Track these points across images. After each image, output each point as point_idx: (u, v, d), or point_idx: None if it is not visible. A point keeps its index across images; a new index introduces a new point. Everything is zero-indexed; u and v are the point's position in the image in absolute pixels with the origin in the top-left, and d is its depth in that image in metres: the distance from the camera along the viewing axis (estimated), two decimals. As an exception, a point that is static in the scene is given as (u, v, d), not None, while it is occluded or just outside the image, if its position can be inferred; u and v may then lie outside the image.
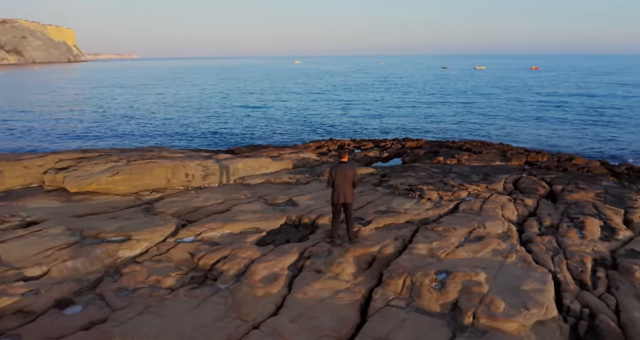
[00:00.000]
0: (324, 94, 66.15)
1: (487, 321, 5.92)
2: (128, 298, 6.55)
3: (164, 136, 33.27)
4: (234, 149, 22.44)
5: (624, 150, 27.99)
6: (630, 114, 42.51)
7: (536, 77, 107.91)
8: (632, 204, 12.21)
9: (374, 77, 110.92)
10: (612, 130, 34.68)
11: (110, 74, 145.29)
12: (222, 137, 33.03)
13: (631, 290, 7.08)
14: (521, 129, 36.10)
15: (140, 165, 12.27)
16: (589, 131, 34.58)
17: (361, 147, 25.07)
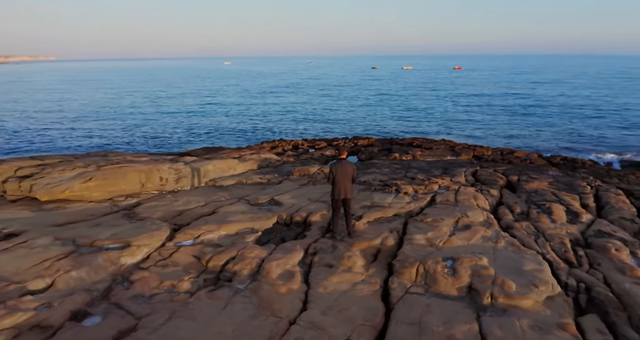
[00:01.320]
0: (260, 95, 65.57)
1: (504, 300, 6.41)
2: (148, 304, 6.37)
3: (102, 140, 31.70)
4: (189, 151, 21.91)
5: (550, 143, 30.40)
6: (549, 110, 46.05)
7: (460, 76, 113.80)
8: (583, 190, 13.45)
9: (306, 78, 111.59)
10: (535, 125, 37.50)
11: (26, 77, 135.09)
12: (163, 140, 31.98)
13: (612, 265, 7.91)
14: (455, 125, 38.11)
15: (113, 170, 11.77)
16: (515, 126, 37.19)
17: (315, 147, 25.39)
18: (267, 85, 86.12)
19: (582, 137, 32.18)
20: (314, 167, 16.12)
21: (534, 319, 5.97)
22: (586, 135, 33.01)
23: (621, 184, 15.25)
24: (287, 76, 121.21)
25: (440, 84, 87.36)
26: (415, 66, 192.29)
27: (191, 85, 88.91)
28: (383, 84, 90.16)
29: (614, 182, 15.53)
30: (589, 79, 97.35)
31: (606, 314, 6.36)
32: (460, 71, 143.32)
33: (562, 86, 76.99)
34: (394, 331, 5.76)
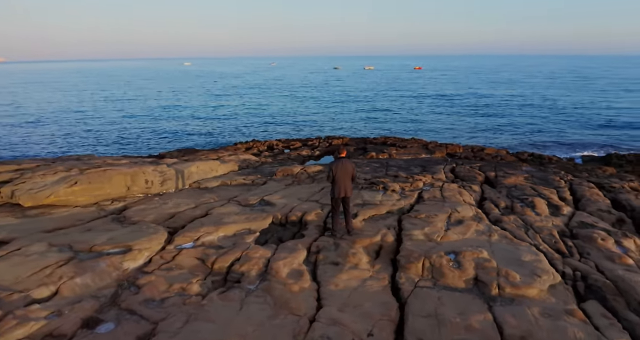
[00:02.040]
0: (225, 97, 64.70)
1: (512, 290, 6.68)
2: (161, 309, 6.27)
3: (66, 145, 30.60)
4: (163, 153, 21.46)
5: (513, 140, 31.53)
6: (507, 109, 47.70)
7: (421, 76, 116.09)
8: (558, 184, 14.06)
9: (270, 79, 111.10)
10: (495, 123, 38.82)
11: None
12: (130, 143, 31.14)
13: (600, 254, 8.35)
14: (422, 124, 38.95)
15: (98, 174, 11.43)
16: (479, 124, 38.40)
17: (290, 147, 25.41)
18: (231, 86, 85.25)
19: (543, 134, 33.54)
20: (297, 167, 16.15)
21: (542, 306, 6.25)
22: (546, 132, 34.43)
23: (590, 177, 16.02)
24: (251, 77, 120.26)
25: (403, 83, 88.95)
26: (377, 66, 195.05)
27: (152, 86, 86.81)
28: (347, 84, 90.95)
29: (583, 176, 16.31)
30: (543, 78, 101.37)
31: (605, 299, 6.72)
32: (420, 71, 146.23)
33: (519, 85, 79.90)
34: (412, 324, 5.91)
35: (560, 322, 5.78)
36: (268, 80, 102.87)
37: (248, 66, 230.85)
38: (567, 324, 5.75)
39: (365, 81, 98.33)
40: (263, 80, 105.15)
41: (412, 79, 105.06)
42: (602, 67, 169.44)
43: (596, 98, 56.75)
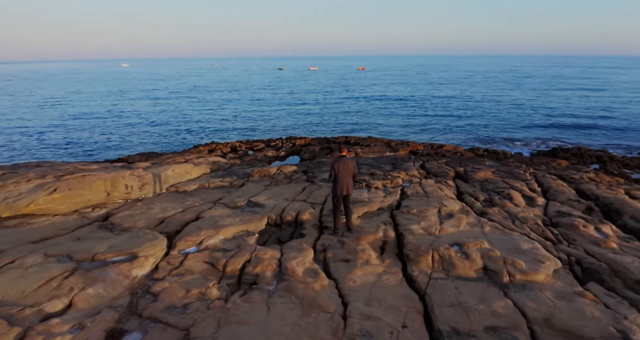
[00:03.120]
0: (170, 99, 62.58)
1: (522, 277, 7.08)
2: (185, 315, 6.12)
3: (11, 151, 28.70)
4: (126, 158, 20.67)
5: (460, 137, 32.80)
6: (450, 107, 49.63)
7: (365, 76, 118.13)
8: (525, 177, 14.90)
9: (215, 80, 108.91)
10: (442, 121, 40.32)
11: None
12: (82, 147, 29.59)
13: (585, 240, 8.99)
14: (373, 123, 39.69)
15: (77, 180, 10.88)
16: (428, 122, 39.71)
17: (253, 148, 25.19)
18: (175, 88, 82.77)
19: (488, 131, 35.13)
20: (272, 168, 16.10)
21: (552, 290, 6.67)
22: (490, 128, 36.08)
23: (550, 170, 17.07)
24: (194, 78, 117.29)
25: (349, 84, 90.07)
26: (321, 67, 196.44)
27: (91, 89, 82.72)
28: (293, 84, 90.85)
29: (543, 169, 17.35)
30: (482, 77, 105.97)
31: (603, 281, 7.27)
32: (364, 71, 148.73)
33: (459, 84, 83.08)
34: (440, 314, 6.13)
35: (576, 303, 6.21)
36: (213, 82, 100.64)
37: (189, 67, 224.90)
38: (582, 304, 6.19)
39: (312, 81, 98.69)
40: (207, 81, 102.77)
41: (357, 79, 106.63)
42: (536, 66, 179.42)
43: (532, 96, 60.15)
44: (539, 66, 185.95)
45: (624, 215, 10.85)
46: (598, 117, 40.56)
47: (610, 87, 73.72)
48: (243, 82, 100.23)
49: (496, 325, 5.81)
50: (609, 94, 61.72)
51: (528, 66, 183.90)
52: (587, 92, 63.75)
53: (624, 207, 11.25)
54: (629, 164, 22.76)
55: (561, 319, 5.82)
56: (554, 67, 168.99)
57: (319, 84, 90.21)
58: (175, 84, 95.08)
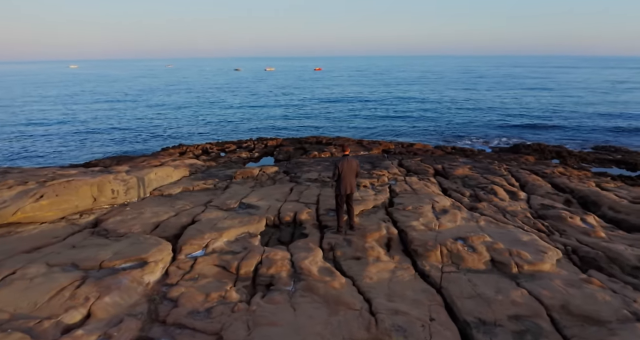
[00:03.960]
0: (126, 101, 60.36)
1: (529, 267, 7.38)
2: (211, 319, 6.01)
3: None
4: (95, 162, 19.92)
5: (422, 135, 33.59)
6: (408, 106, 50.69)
7: (323, 77, 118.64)
8: (502, 173, 15.49)
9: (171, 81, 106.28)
10: (400, 120, 41.20)
11: None
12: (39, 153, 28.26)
13: (574, 230, 9.48)
14: (337, 123, 39.96)
15: (63, 185, 10.42)
16: (387, 121, 40.46)
17: (225, 150, 24.86)
18: (131, 90, 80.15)
19: (448, 129, 36.14)
20: (255, 169, 15.98)
21: (560, 278, 7.01)
22: (450, 127, 37.11)
23: (521, 165, 17.80)
24: (149, 80, 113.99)
25: (308, 84, 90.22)
26: (277, 68, 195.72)
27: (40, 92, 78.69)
28: (252, 85, 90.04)
29: (514, 165, 18.06)
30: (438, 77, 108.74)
31: (601, 268, 7.69)
32: (321, 72, 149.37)
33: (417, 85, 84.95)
34: (462, 306, 6.32)
35: (586, 290, 6.55)
36: (169, 83, 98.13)
37: (142, 68, 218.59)
38: (591, 290, 6.54)
39: (270, 82, 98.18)
40: (164, 83, 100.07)
41: (316, 79, 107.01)
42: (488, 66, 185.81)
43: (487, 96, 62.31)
44: (490, 66, 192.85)
45: (602, 207, 11.48)
46: (550, 114, 42.53)
47: (558, 86, 77.45)
48: (200, 83, 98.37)
49: (518, 313, 6.05)
50: (557, 92, 64.81)
51: (481, 66, 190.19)
52: (537, 92, 66.77)
53: (601, 198, 11.91)
54: (586, 158, 24.00)
55: (577, 305, 6.13)
56: (504, 67, 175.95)
57: (278, 85, 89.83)
58: (130, 85, 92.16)
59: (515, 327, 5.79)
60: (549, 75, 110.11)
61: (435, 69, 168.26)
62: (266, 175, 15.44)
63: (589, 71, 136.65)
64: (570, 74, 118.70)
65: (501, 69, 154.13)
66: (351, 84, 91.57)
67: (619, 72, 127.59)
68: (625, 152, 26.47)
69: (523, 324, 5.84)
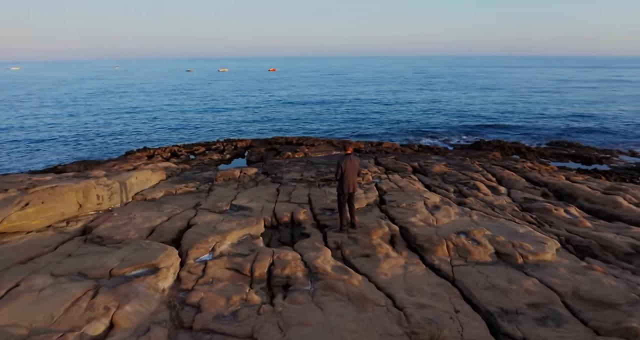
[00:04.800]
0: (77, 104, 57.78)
1: (533, 257, 7.73)
2: (239, 323, 5.90)
3: None
4: (62, 167, 19.04)
5: (388, 135, 34.16)
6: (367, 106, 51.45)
7: (278, 78, 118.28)
8: (477, 169, 16.02)
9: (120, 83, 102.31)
10: (360, 119, 41.79)
11: None
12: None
13: (561, 221, 9.99)
14: (297, 124, 39.88)
15: (48, 192, 9.90)
16: (345, 120, 40.93)
17: (195, 152, 24.35)
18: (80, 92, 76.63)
19: (408, 127, 36.93)
20: (236, 171, 15.76)
21: (564, 266, 7.39)
22: (409, 125, 37.95)
23: (491, 161, 18.48)
24: (98, 82, 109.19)
25: (264, 85, 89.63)
26: (231, 68, 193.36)
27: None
28: (207, 86, 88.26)
29: (484, 161, 18.72)
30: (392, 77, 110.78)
31: (595, 256, 8.15)
32: (276, 73, 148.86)
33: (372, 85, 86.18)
34: (482, 297, 6.55)
35: (591, 276, 6.94)
36: (120, 85, 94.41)
37: (89, 70, 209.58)
38: (596, 276, 6.93)
39: (225, 83, 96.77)
40: (113, 85, 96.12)
41: (271, 80, 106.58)
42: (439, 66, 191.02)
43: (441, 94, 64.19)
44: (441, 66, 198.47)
45: (578, 198, 12.13)
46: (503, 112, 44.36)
47: (507, 85, 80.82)
48: (152, 85, 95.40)
49: (535, 301, 6.34)
50: (507, 92, 67.65)
51: (432, 66, 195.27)
52: (489, 91, 69.44)
53: (575, 191, 12.57)
54: (543, 154, 25.21)
55: (587, 290, 6.49)
56: (455, 67, 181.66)
57: (234, 86, 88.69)
58: (79, 88, 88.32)
59: (536, 314, 6.06)
60: (498, 75, 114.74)
61: (388, 69, 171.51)
62: (248, 177, 15.28)
63: (535, 70, 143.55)
64: (517, 73, 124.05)
65: (452, 69, 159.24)
66: (308, 84, 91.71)
67: (562, 71, 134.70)
68: (579, 147, 28.00)
69: (542, 311, 6.13)
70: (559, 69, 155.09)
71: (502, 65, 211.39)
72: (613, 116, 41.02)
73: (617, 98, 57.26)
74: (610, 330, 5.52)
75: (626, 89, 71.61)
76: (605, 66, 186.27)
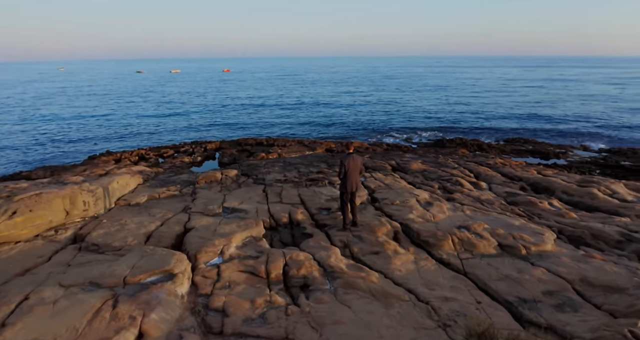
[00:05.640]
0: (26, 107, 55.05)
1: (535, 248, 8.09)
2: (270, 325, 5.83)
3: None
4: (27, 173, 18.06)
5: (349, 132, 34.49)
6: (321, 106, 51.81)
7: (233, 78, 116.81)
8: (453, 166, 16.50)
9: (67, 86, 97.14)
10: (325, 118, 42.01)
11: None
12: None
13: (549, 213, 10.47)
14: (258, 124, 39.52)
15: (34, 199, 9.37)
16: (309, 120, 40.98)
17: (163, 155, 23.73)
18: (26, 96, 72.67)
19: (370, 126, 37.38)
20: (217, 173, 15.50)
21: (566, 256, 7.79)
22: (370, 125, 38.42)
23: (463, 158, 19.05)
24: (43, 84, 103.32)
25: (220, 86, 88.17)
26: (183, 69, 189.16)
27: None
28: (160, 88, 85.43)
29: (456, 158, 19.29)
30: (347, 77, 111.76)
31: (589, 245, 8.61)
32: (231, 74, 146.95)
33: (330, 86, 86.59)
34: (497, 288, 6.80)
35: (594, 263, 7.35)
36: (66, 88, 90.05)
37: (32, 72, 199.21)
38: (598, 263, 7.34)
39: (179, 85, 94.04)
40: (60, 88, 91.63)
41: (227, 81, 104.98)
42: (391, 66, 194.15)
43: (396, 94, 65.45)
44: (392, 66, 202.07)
45: (555, 191, 12.74)
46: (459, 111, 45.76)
47: (459, 84, 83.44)
48: (102, 87, 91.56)
49: (549, 289, 6.65)
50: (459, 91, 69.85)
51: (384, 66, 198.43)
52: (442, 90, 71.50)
53: (551, 184, 13.21)
54: (504, 150, 26.21)
55: (593, 277, 6.87)
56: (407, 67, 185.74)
57: (189, 87, 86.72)
58: (22, 91, 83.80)
59: (553, 301, 6.36)
60: (449, 75, 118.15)
61: (342, 69, 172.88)
62: (230, 179, 15.08)
63: (484, 70, 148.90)
64: (467, 73, 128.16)
65: (405, 69, 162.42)
66: (266, 85, 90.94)
67: (508, 71, 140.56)
68: (535, 143, 29.28)
69: (558, 298, 6.43)
70: (505, 68, 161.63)
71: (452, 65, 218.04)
72: (561, 113, 43.18)
73: (562, 96, 60.42)
74: (625, 312, 5.87)
75: (571, 87, 75.64)
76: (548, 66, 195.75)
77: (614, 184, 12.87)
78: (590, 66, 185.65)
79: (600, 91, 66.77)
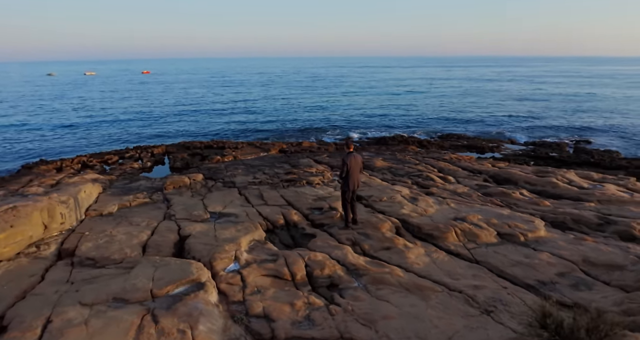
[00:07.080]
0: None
1: (532, 235, 8.68)
2: (319, 326, 5.78)
3: None
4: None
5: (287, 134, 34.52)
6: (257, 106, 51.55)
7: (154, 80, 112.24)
8: (414, 162, 17.12)
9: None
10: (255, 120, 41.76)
11: None
12: None
13: (524, 202, 11.27)
14: (190, 127, 38.29)
15: (12, 213, 8.48)
16: (241, 122, 40.54)
17: (108, 161, 22.40)
18: None
19: (305, 127, 37.61)
20: (185, 178, 14.92)
21: (561, 240, 8.45)
22: (305, 124, 38.73)
23: (418, 154, 19.83)
24: None
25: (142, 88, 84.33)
26: (99, 71, 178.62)
27: None
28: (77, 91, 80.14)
29: (411, 154, 20.03)
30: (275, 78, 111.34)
31: (572, 229, 9.38)
32: (150, 75, 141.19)
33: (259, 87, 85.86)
34: (514, 273, 7.23)
35: (589, 245, 8.05)
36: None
37: None
38: (592, 245, 8.05)
39: (98, 88, 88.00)
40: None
41: (148, 83, 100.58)
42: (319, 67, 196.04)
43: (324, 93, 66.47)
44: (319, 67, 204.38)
45: (518, 182, 13.66)
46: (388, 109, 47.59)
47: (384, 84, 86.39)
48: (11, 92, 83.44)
49: (560, 271, 7.19)
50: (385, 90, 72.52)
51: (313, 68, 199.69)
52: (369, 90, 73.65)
53: (512, 175, 14.17)
54: (443, 146, 27.60)
55: (594, 257, 7.53)
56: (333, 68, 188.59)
57: (109, 90, 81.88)
58: None
59: (568, 282, 6.89)
60: (374, 75, 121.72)
61: (268, 70, 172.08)
62: (199, 184, 14.61)
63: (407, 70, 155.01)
64: (390, 74, 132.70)
65: (330, 70, 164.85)
66: (191, 87, 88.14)
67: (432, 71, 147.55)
68: (468, 138, 31.05)
69: (571, 279, 6.98)
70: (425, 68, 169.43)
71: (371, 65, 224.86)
72: (482, 109, 46.19)
73: (480, 92, 64.77)
74: (636, 287, 6.51)
75: (487, 85, 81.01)
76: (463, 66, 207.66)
77: (567, 173, 14.08)
78: (501, 66, 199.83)
79: (509, 88, 72.58)
